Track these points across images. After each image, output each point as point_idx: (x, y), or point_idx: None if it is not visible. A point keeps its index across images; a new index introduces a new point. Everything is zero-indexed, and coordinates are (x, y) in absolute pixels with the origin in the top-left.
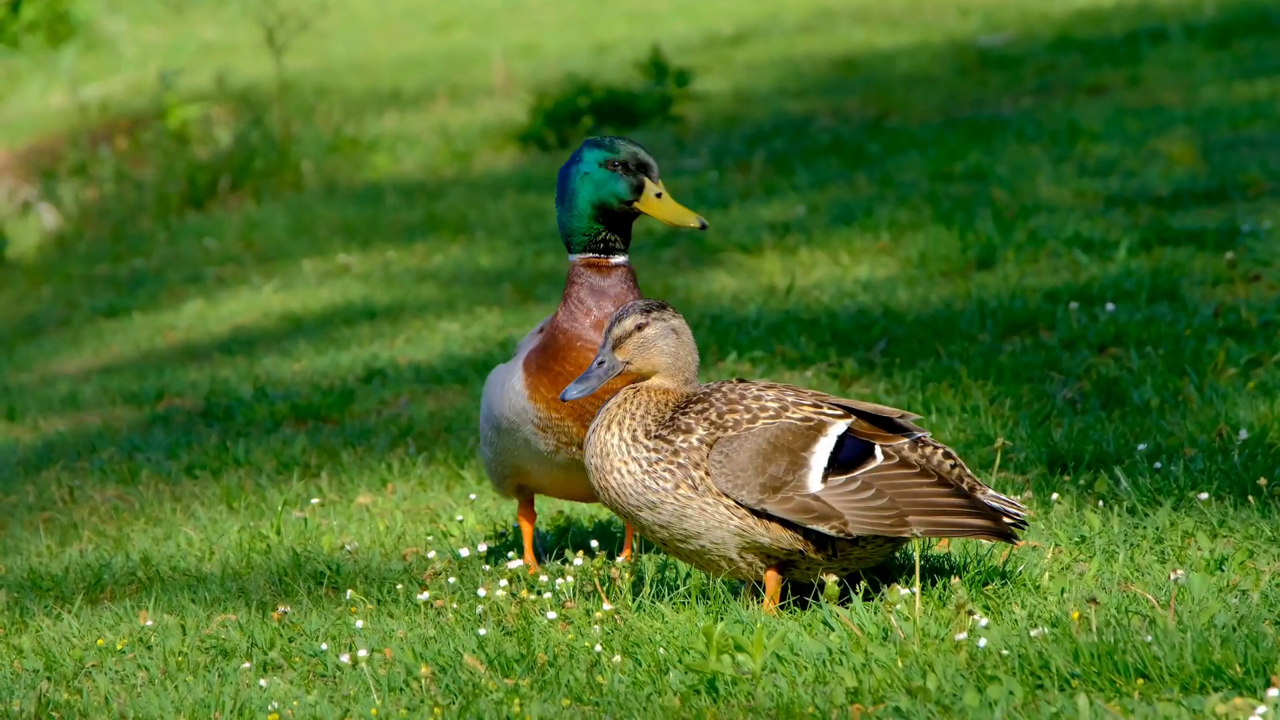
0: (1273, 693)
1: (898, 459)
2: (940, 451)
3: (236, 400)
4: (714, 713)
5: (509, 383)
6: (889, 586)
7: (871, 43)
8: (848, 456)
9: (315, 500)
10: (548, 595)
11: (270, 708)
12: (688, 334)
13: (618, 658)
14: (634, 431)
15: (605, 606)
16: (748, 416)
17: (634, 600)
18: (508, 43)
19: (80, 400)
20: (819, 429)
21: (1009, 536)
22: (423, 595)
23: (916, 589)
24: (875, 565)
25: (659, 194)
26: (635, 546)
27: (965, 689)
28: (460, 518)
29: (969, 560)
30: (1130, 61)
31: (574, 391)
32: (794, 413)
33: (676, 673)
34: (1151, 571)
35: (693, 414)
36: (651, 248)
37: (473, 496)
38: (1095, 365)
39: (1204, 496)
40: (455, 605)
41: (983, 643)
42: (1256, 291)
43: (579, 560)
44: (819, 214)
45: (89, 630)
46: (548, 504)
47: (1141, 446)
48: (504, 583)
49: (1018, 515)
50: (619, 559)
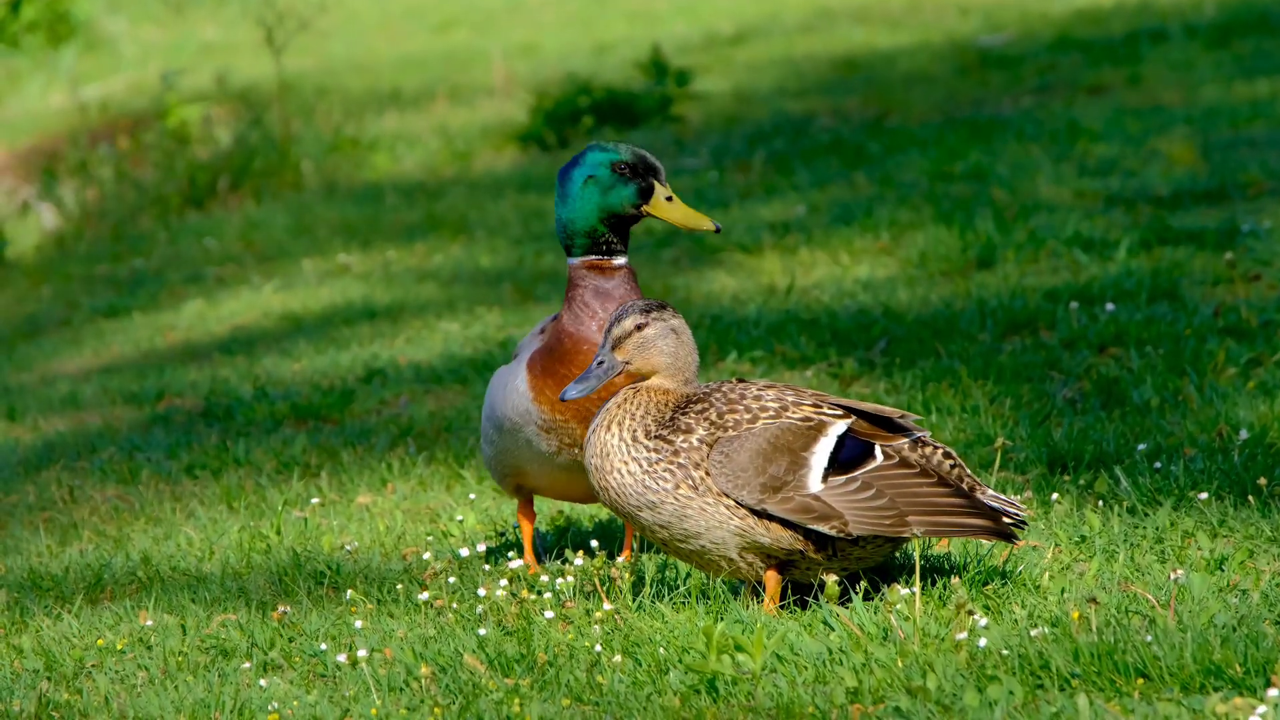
0: (1273, 693)
1: (898, 459)
2: (940, 451)
3: (236, 400)
4: (714, 713)
5: (513, 384)
6: (889, 586)
7: (872, 42)
8: (848, 456)
9: (315, 500)
10: (548, 595)
11: (270, 708)
12: (687, 334)
13: (618, 658)
14: (634, 432)
15: (605, 606)
16: (748, 416)
17: (634, 600)
18: (508, 42)
19: (80, 400)
20: (819, 429)
21: (1009, 536)
22: (423, 595)
23: (916, 589)
24: (875, 565)
25: (669, 197)
26: (635, 547)
27: (965, 689)
28: (460, 517)
29: (969, 560)
30: (1130, 61)
31: (573, 391)
32: (794, 413)
33: (676, 673)
34: (1151, 571)
35: (693, 414)
36: (651, 248)
37: (473, 496)
38: (1095, 365)
39: (1204, 496)
40: (455, 605)
41: (983, 642)
42: (1256, 291)
43: (579, 560)
44: (819, 214)
45: (89, 630)
46: (548, 504)
47: (1141, 446)
48: (504, 583)
49: (1017, 515)
50: (619, 559)
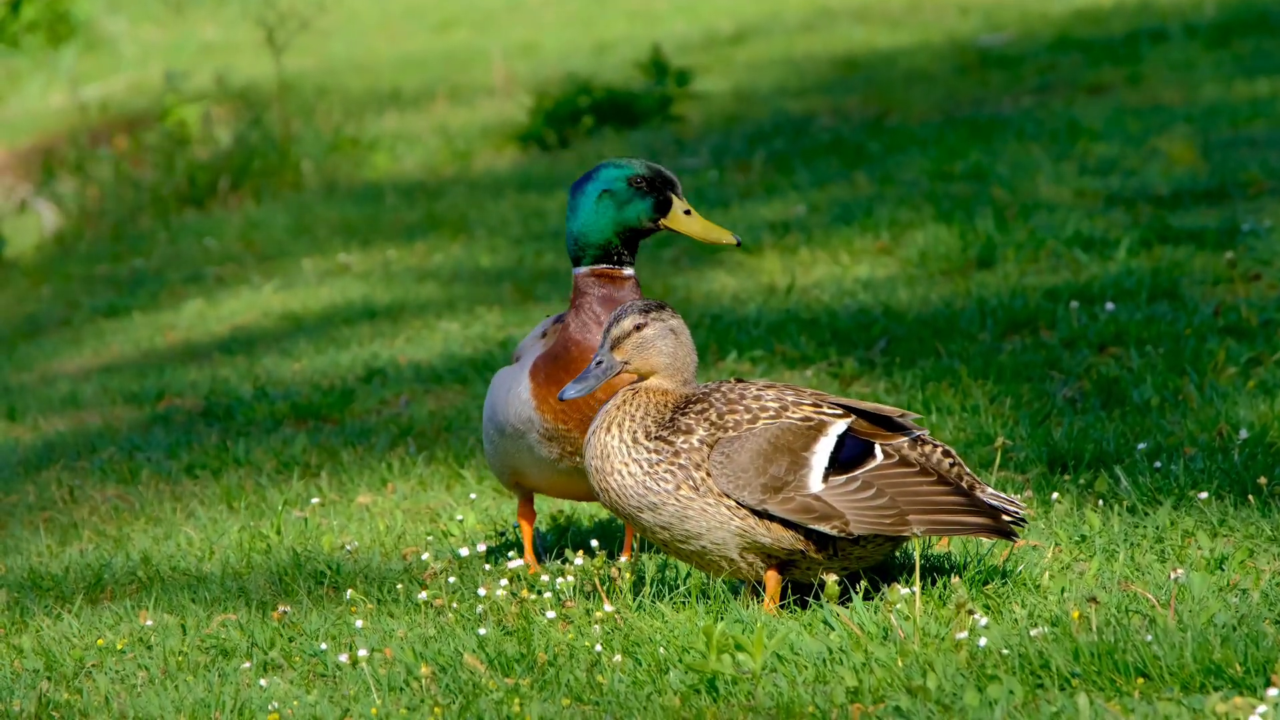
0: (1273, 692)
1: (898, 458)
2: (940, 450)
3: (236, 400)
4: (714, 712)
5: (515, 390)
6: (889, 586)
7: (872, 42)
8: (848, 456)
9: (315, 500)
10: (548, 595)
11: (270, 707)
12: (686, 334)
13: (618, 657)
14: (634, 433)
15: (605, 606)
16: (748, 417)
17: (634, 600)
18: (508, 42)
19: (80, 400)
20: (819, 429)
21: (1008, 534)
22: (422, 595)
23: (917, 588)
24: (875, 564)
25: (687, 210)
26: (635, 547)
27: (965, 688)
28: (460, 517)
29: (969, 559)
30: (1130, 60)
31: (572, 391)
32: (794, 412)
33: (677, 672)
34: (1152, 571)
35: (693, 414)
36: (651, 247)
37: (473, 496)
38: (1095, 364)
39: (1204, 496)
40: (455, 605)
41: (983, 642)
42: (1257, 290)
43: (579, 560)
44: (819, 213)
45: (89, 630)
46: (548, 503)
47: (1142, 446)
48: (504, 582)
49: (1017, 513)
50: (620, 559)
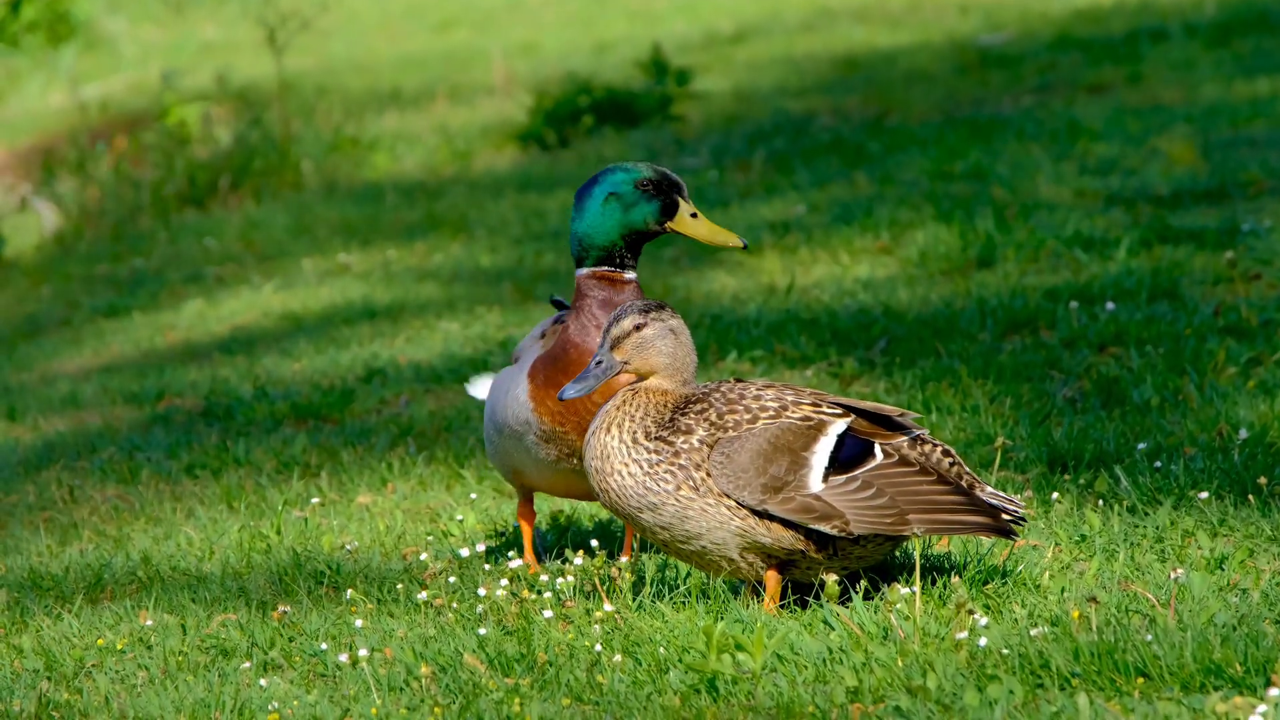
0: (1273, 692)
1: (897, 457)
2: (939, 449)
3: (236, 400)
4: (714, 712)
5: (514, 392)
6: (889, 586)
7: (872, 41)
8: (848, 455)
9: (315, 500)
10: (548, 595)
11: (270, 707)
12: (686, 334)
13: (618, 657)
14: (634, 434)
15: (605, 606)
16: (748, 417)
17: (634, 600)
18: (508, 42)
19: (80, 400)
20: (819, 428)
21: (1008, 533)
22: (422, 595)
23: (917, 588)
24: (875, 564)
25: (694, 214)
26: (635, 547)
27: (965, 688)
28: (460, 517)
29: (969, 559)
30: (1130, 60)
31: (571, 391)
32: (794, 412)
33: (677, 672)
34: (1152, 570)
35: (692, 415)
36: (651, 247)
37: (473, 496)
38: (1095, 364)
39: (1204, 495)
40: (455, 605)
41: (983, 642)
42: (1257, 290)
43: (579, 560)
44: (819, 213)
45: (89, 630)
46: (548, 503)
47: (1142, 445)
48: (504, 582)
49: (1016, 512)
50: (620, 559)
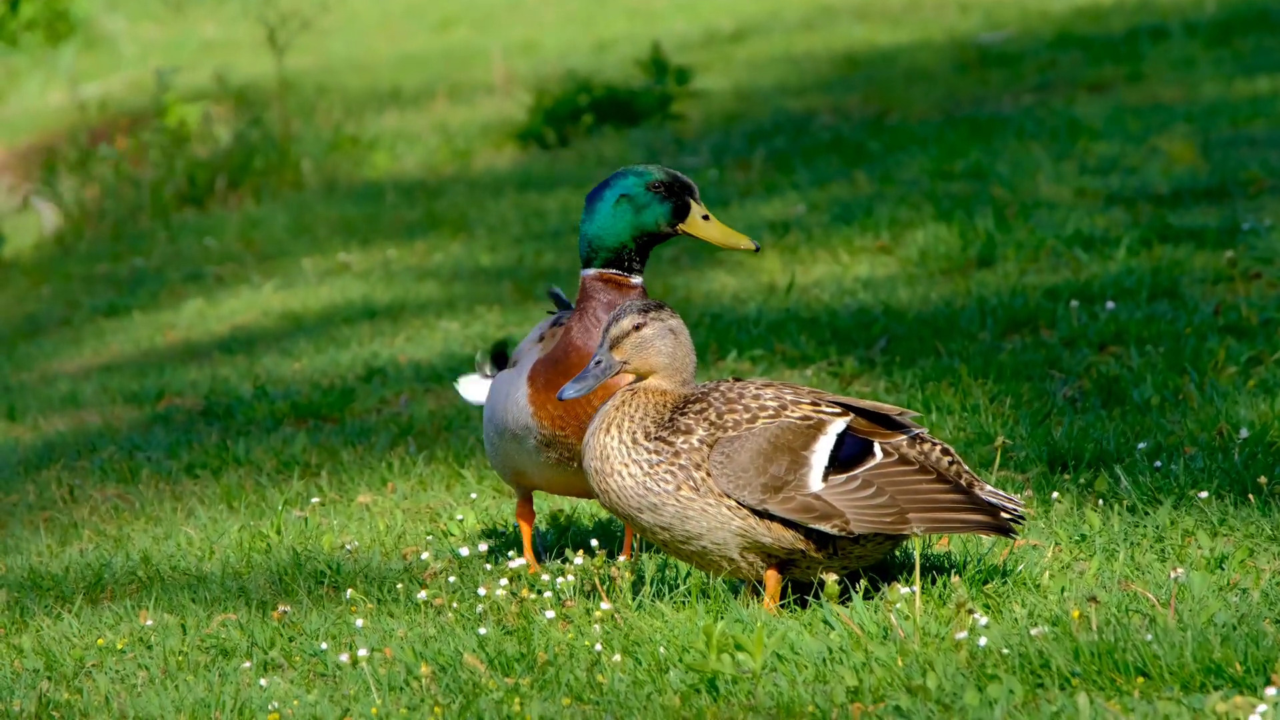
0: (1272, 691)
1: (897, 456)
2: (938, 448)
3: (237, 399)
4: (714, 712)
5: (514, 395)
6: (889, 585)
7: (872, 40)
8: (848, 454)
9: (315, 499)
10: (548, 594)
11: (270, 707)
12: (685, 334)
13: (618, 657)
14: (634, 434)
15: (605, 606)
16: (747, 416)
17: (634, 599)
18: (508, 40)
19: (80, 399)
20: (819, 427)
21: (1008, 531)
22: (422, 595)
23: (917, 588)
24: (875, 563)
25: (705, 216)
26: (635, 547)
27: (965, 688)
28: (460, 517)
29: (969, 559)
30: (1131, 59)
31: (570, 391)
32: (793, 411)
33: (676, 672)
34: (1152, 570)
35: (692, 414)
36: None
37: (473, 496)
38: (1095, 363)
39: (1204, 495)
40: (455, 605)
41: (983, 641)
42: (1257, 289)
43: (579, 559)
44: (819, 212)
45: (89, 630)
46: (548, 503)
47: (1142, 445)
48: (504, 582)
49: (1016, 510)
50: (620, 559)
